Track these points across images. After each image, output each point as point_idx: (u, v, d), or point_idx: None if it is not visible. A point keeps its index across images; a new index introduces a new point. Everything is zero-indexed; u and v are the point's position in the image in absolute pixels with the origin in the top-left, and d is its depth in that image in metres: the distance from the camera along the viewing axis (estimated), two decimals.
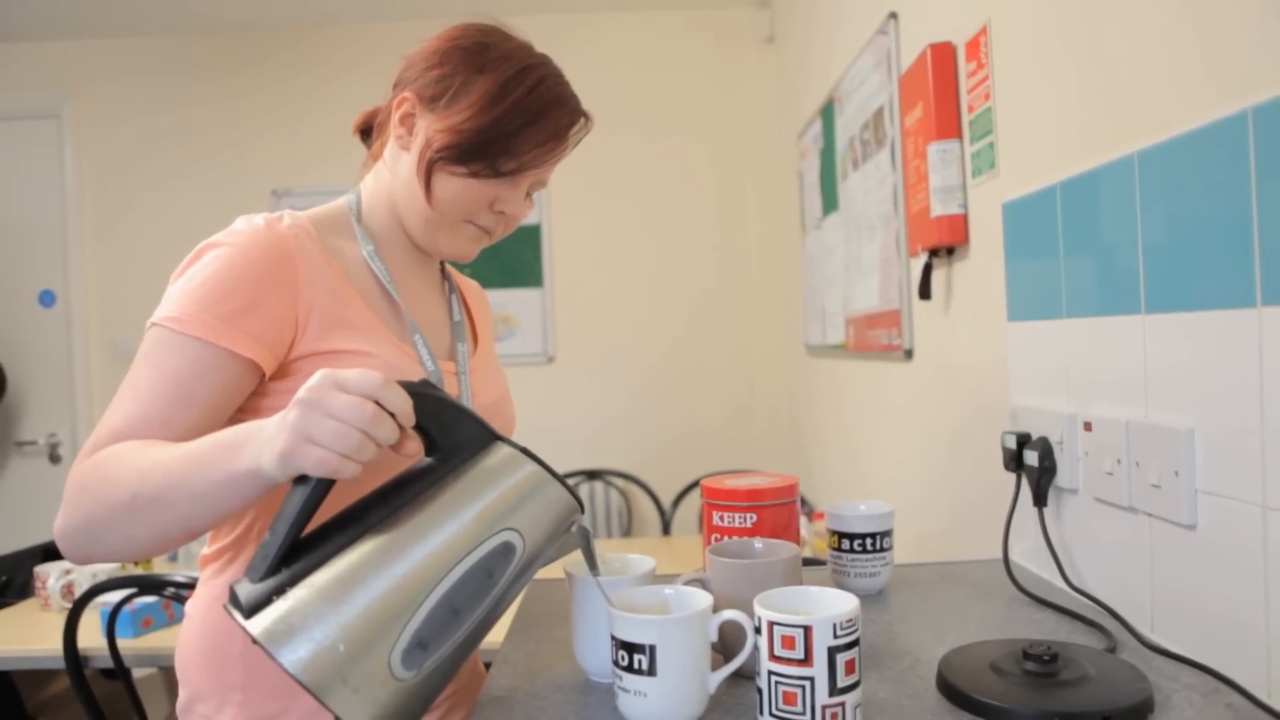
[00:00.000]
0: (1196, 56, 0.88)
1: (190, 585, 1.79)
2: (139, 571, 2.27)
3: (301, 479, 0.67)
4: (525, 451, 0.74)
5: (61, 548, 0.80)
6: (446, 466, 0.72)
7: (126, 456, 0.77)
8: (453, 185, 0.95)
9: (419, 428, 0.71)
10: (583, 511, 0.77)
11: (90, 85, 3.61)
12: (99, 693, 1.88)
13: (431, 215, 0.98)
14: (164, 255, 3.62)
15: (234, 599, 0.65)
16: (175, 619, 2.01)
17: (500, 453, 0.73)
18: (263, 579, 0.65)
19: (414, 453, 0.71)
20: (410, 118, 0.97)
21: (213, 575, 0.98)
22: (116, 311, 3.61)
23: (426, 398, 0.70)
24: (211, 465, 0.72)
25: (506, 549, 0.70)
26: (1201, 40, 0.87)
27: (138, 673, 2.17)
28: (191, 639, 0.98)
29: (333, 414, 0.64)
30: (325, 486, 0.66)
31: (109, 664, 1.82)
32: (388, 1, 3.40)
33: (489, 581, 0.69)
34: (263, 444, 0.68)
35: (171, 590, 1.81)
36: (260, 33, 3.61)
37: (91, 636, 1.87)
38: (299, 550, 0.66)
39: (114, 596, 1.85)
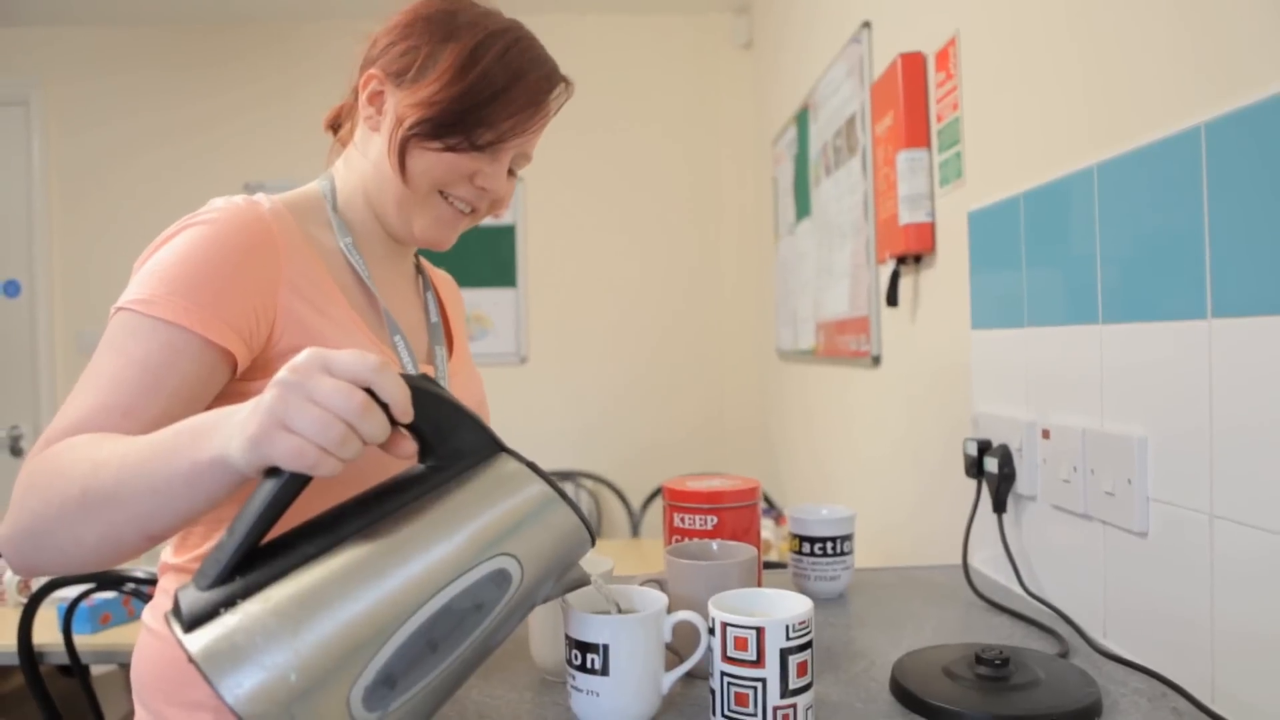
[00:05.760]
0: (1154, 72, 0.90)
1: (152, 581, 1.76)
2: None
3: (272, 472, 0.57)
4: (533, 467, 0.65)
5: (5, 556, 0.71)
6: (440, 475, 0.63)
7: (80, 449, 0.69)
8: (427, 161, 0.90)
9: (412, 428, 0.61)
10: (593, 543, 0.68)
11: (60, 73, 3.55)
12: (55, 690, 1.84)
13: (405, 194, 0.92)
14: (131, 246, 3.52)
15: (176, 608, 0.55)
16: (135, 615, 1.97)
17: (504, 466, 0.65)
18: (211, 586, 0.55)
19: (407, 455, 0.62)
20: (378, 96, 0.92)
21: (176, 584, 0.89)
22: (82, 303, 3.55)
23: (427, 393, 0.61)
24: (174, 455, 0.63)
25: (501, 577, 0.61)
26: (1159, 56, 0.89)
27: (96, 670, 2.14)
28: (149, 654, 0.89)
29: (316, 399, 0.55)
30: (298, 483, 0.57)
31: (65, 660, 1.79)
32: None
33: (476, 614, 0.60)
34: (233, 429, 0.59)
35: (131, 586, 1.78)
36: (234, 25, 3.57)
37: (48, 632, 1.83)
38: (259, 557, 0.57)
39: (71, 591, 1.82)
